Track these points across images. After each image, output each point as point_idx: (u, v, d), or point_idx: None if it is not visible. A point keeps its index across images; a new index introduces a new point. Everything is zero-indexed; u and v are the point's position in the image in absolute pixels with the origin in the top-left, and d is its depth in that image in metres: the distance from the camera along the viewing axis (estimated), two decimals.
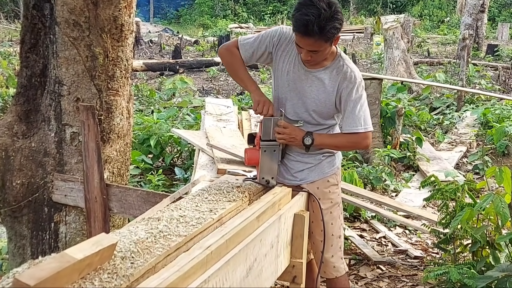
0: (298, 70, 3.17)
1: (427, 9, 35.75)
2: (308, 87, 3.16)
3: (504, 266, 3.36)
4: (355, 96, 3.10)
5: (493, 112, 9.91)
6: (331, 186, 3.32)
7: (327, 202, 3.30)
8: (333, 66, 3.13)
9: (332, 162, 3.33)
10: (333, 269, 3.34)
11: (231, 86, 15.72)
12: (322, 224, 3.23)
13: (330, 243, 3.30)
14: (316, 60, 3.06)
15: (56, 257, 1.69)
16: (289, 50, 3.19)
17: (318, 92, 3.14)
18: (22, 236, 4.02)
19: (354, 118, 3.10)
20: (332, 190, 3.33)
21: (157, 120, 8.07)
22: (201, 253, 2.01)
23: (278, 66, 3.23)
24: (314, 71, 3.14)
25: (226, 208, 2.58)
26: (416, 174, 7.56)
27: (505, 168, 3.78)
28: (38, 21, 3.89)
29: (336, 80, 3.11)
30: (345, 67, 3.13)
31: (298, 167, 3.29)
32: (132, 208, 3.83)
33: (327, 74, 3.13)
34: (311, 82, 3.15)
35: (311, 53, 2.97)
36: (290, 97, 3.21)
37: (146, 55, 21.36)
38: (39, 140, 3.94)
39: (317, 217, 3.26)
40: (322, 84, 3.13)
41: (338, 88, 3.11)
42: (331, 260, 3.32)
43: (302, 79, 3.16)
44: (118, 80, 3.97)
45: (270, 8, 38.39)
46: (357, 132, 3.11)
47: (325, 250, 3.27)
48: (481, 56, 20.48)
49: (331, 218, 3.31)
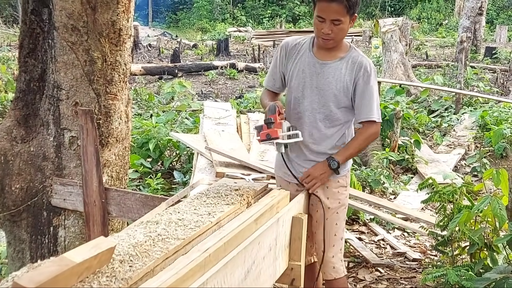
0: (313, 66, 3.24)
1: (425, 12, 35.85)
2: (325, 79, 3.21)
3: (502, 268, 3.37)
4: (371, 85, 3.20)
5: (491, 115, 9.93)
6: (340, 187, 3.35)
7: (335, 202, 3.32)
8: (347, 56, 3.22)
9: (344, 164, 3.33)
10: (332, 270, 3.35)
11: (230, 90, 15.77)
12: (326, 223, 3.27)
13: (332, 243, 3.33)
14: (336, 38, 3.12)
15: (55, 260, 1.70)
16: (297, 51, 3.31)
17: (336, 83, 3.19)
18: (21, 240, 4.02)
19: (371, 106, 3.20)
20: (341, 191, 3.36)
21: (156, 124, 8.09)
22: (199, 255, 2.02)
23: (291, 69, 3.31)
24: (330, 62, 3.21)
25: (225, 211, 2.59)
26: (414, 177, 7.57)
27: (502, 170, 3.80)
28: (37, 26, 3.90)
29: (352, 69, 3.19)
30: (360, 57, 3.23)
31: (309, 165, 3.31)
32: (131, 211, 3.83)
33: (343, 64, 3.20)
34: (327, 74, 3.21)
35: (333, 26, 3.05)
36: (307, 94, 3.25)
37: (145, 59, 21.40)
38: (38, 144, 3.95)
39: (321, 217, 3.29)
40: (340, 74, 3.19)
41: (355, 77, 3.19)
42: (332, 260, 3.34)
43: (318, 72, 3.22)
44: (117, 84, 3.98)
45: (269, 12, 38.46)
46: (374, 120, 3.22)
47: (326, 250, 3.30)
48: (479, 59, 20.54)
49: (336, 219, 3.33)
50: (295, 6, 38.85)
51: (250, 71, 18.94)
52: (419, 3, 37.12)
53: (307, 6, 38.74)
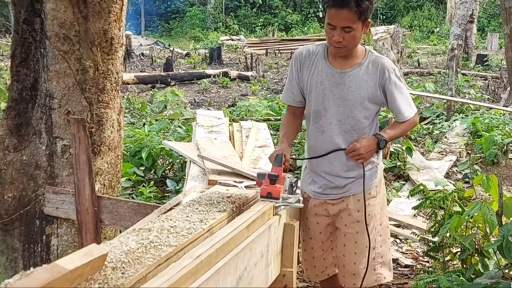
0: (332, 76, 3.13)
1: (417, 20, 36.01)
2: (347, 88, 3.11)
3: (492, 273, 3.39)
4: (398, 84, 3.14)
5: (482, 122, 9.98)
6: (370, 199, 3.25)
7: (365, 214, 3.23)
8: (366, 61, 3.12)
9: (374, 174, 3.28)
10: (364, 280, 3.28)
11: (223, 98, 15.79)
12: (356, 236, 3.23)
13: (364, 254, 3.25)
14: (348, 46, 3.01)
15: (48, 268, 1.71)
16: (311, 60, 3.19)
17: (359, 90, 3.10)
18: (14, 249, 4.02)
19: (407, 105, 3.21)
20: (372, 203, 3.25)
21: (149, 133, 8.09)
22: (191, 262, 2.03)
23: (308, 80, 3.19)
24: (349, 70, 3.11)
25: (217, 218, 2.60)
26: (406, 184, 7.59)
27: (492, 176, 3.83)
28: (29, 36, 3.91)
29: (375, 73, 3.10)
30: (379, 58, 3.14)
31: (341, 182, 3.23)
32: (124, 219, 3.84)
33: (363, 70, 3.10)
34: (349, 83, 3.10)
35: (344, 33, 2.93)
36: (329, 106, 3.15)
37: (137, 68, 21.38)
38: (30, 153, 3.96)
39: (353, 230, 3.24)
40: (362, 81, 3.10)
41: (379, 80, 3.10)
42: (362, 271, 3.26)
43: (339, 82, 3.11)
44: (109, 92, 4.00)
45: (261, 20, 38.53)
46: (414, 114, 3.26)
47: (358, 262, 3.25)
48: (470, 66, 20.64)
49: (366, 230, 3.22)
50: (287, 14, 38.94)
51: (242, 79, 18.96)
52: (411, 11, 37.28)
53: (299, 15, 38.87)
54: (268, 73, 20.48)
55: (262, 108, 11.64)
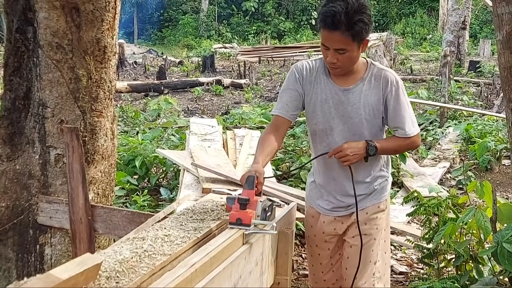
0: (335, 94, 3.04)
1: (409, 27, 36.18)
2: (352, 106, 3.02)
3: (487, 280, 3.40)
4: (402, 98, 3.02)
5: (476, 128, 10.03)
6: (379, 212, 3.20)
7: (372, 228, 3.18)
8: (369, 75, 3.02)
9: (385, 187, 3.23)
10: None
11: (216, 106, 15.80)
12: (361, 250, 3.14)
13: (366, 269, 3.17)
14: (343, 67, 2.92)
15: (41, 277, 1.70)
16: (313, 76, 3.09)
17: (364, 108, 3.01)
18: (8, 259, 4.00)
19: (412, 120, 3.04)
20: (380, 216, 3.20)
21: (142, 141, 8.08)
22: (186, 271, 2.02)
23: (312, 96, 3.09)
24: (352, 87, 3.01)
25: (211, 227, 2.59)
26: (400, 190, 7.61)
27: (486, 182, 3.84)
28: (22, 45, 3.90)
29: (378, 88, 3.00)
30: (382, 72, 3.03)
31: (351, 200, 3.15)
32: (117, 228, 3.82)
33: (366, 85, 3.01)
34: (353, 101, 3.01)
35: (337, 55, 2.84)
36: (335, 124, 3.07)
37: (130, 76, 21.40)
38: (23, 162, 3.94)
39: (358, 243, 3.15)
40: (365, 97, 3.01)
41: (382, 94, 3.00)
42: (363, 286, 3.18)
43: (343, 100, 3.02)
44: (102, 101, 3.99)
45: (254, 28, 38.68)
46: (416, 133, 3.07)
47: (359, 277, 3.16)
48: (463, 73, 20.74)
49: (372, 244, 3.17)
50: (280, 22, 39.08)
51: (236, 87, 18.98)
52: (403, 18, 37.46)
53: (292, 22, 39.01)
54: (261, 80, 20.53)
55: (255, 116, 11.65)
